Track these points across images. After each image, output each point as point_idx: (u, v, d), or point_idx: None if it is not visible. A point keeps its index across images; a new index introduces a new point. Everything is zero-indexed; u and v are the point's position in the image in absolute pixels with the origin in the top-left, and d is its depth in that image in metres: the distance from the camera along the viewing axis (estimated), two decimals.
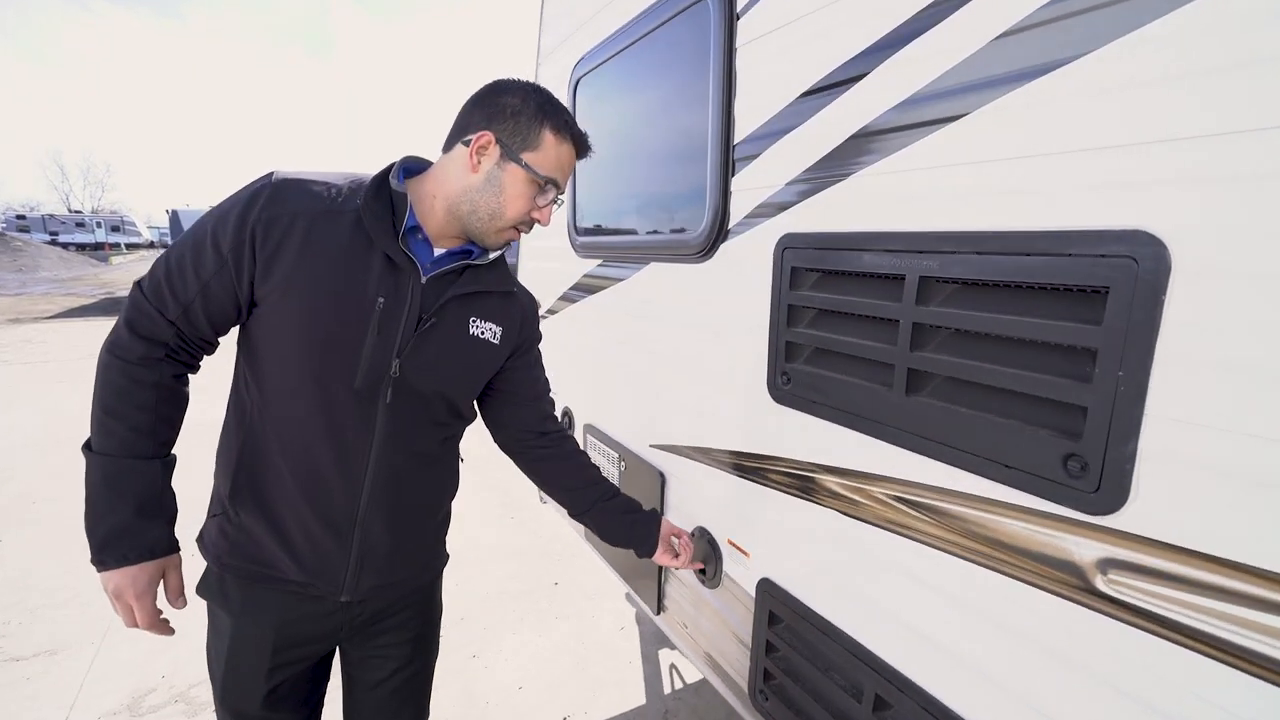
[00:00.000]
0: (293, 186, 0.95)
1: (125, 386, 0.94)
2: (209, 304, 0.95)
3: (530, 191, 1.01)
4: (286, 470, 0.99)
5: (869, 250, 0.93)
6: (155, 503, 0.97)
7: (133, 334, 0.94)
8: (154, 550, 0.97)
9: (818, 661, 1.11)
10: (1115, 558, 0.66)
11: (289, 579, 1.03)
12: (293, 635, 1.07)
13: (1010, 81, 0.73)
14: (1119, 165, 0.63)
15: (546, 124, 0.99)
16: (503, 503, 3.96)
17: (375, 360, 0.97)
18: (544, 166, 1.00)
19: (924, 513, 0.88)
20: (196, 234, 0.94)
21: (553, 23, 2.16)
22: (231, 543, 1.03)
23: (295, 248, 0.92)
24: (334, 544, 1.03)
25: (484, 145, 0.97)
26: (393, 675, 1.18)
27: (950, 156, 0.81)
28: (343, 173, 1.01)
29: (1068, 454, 0.69)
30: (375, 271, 0.96)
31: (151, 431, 0.96)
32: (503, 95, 0.99)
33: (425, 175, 1.04)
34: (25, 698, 2.15)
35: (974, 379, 0.79)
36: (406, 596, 1.17)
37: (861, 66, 0.93)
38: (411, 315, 0.99)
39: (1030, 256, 0.72)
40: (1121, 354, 0.63)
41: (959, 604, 0.84)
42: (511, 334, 1.14)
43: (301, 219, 0.93)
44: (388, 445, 1.02)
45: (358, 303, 0.95)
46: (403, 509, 1.08)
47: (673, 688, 2.37)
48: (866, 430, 0.96)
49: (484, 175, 0.98)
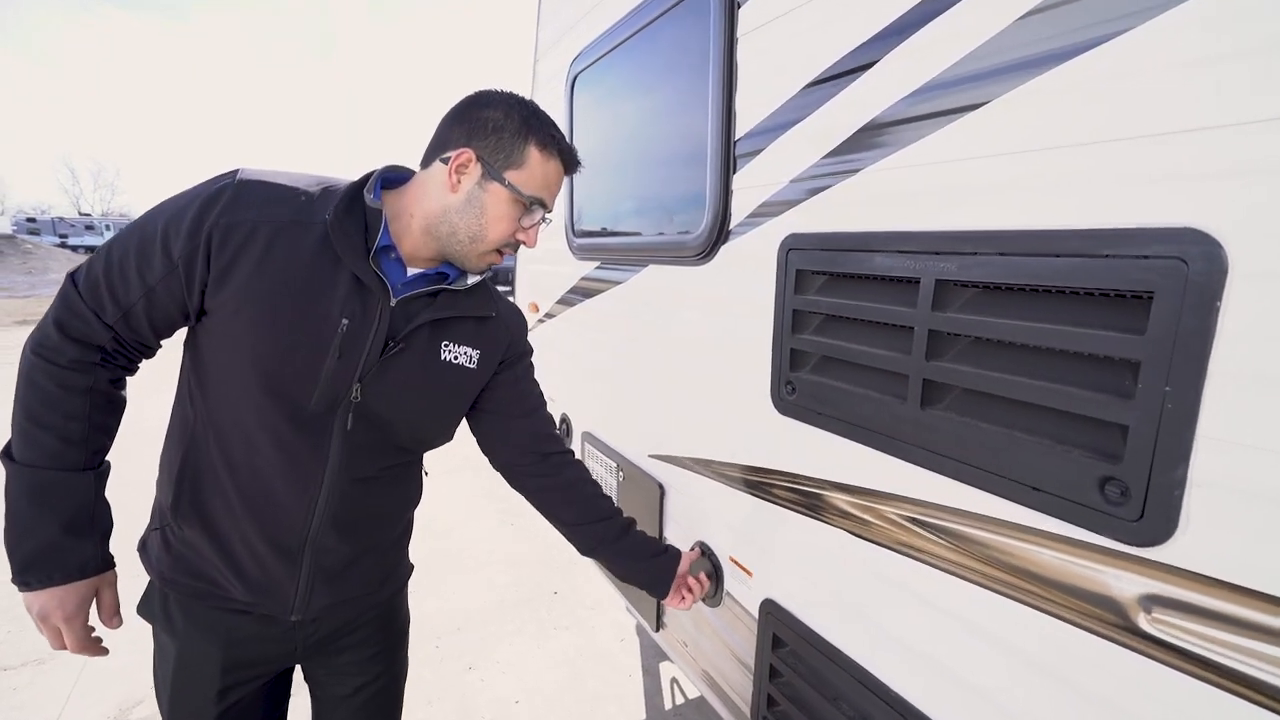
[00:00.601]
0: (258, 190, 0.87)
1: (54, 393, 0.85)
2: (153, 310, 0.87)
3: (514, 212, 0.94)
4: (232, 488, 0.91)
5: (880, 251, 0.86)
6: (86, 518, 0.89)
7: (63, 336, 0.85)
8: (84, 569, 0.89)
9: (824, 690, 1.03)
10: (1160, 594, 0.59)
11: (234, 598, 0.96)
12: (242, 656, 1.00)
13: (1039, 65, 0.66)
14: (1167, 155, 0.56)
15: (532, 139, 0.92)
16: (501, 510, 3.90)
17: (334, 384, 0.90)
18: (529, 185, 0.93)
19: (941, 536, 0.81)
20: (144, 230, 0.85)
21: (550, 18, 2.10)
22: (175, 557, 0.96)
23: (254, 259, 0.85)
24: (282, 565, 0.95)
25: (464, 163, 0.90)
26: (356, 692, 1.12)
27: (970, 149, 0.74)
28: (314, 176, 0.93)
29: (1105, 477, 0.62)
30: (341, 291, 0.89)
31: (84, 441, 0.88)
32: (484, 109, 0.92)
33: (403, 190, 0.96)
34: (12, 708, 2.10)
35: (997, 392, 0.72)
36: (366, 612, 1.10)
37: (872, 54, 0.86)
38: (378, 339, 0.92)
39: (1061, 258, 0.65)
40: (1169, 367, 0.56)
41: (979, 635, 0.77)
42: (493, 355, 1.06)
43: (264, 228, 0.85)
44: (345, 469, 0.95)
45: (319, 324, 0.88)
46: (358, 527, 1.01)
47: (673, 703, 2.30)
48: (878, 445, 0.89)
49: (464, 195, 0.92)
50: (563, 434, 2.13)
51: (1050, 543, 0.68)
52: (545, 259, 2.19)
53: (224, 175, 0.88)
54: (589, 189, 1.86)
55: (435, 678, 2.35)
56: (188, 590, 0.97)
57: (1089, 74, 0.62)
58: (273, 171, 0.91)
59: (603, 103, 1.76)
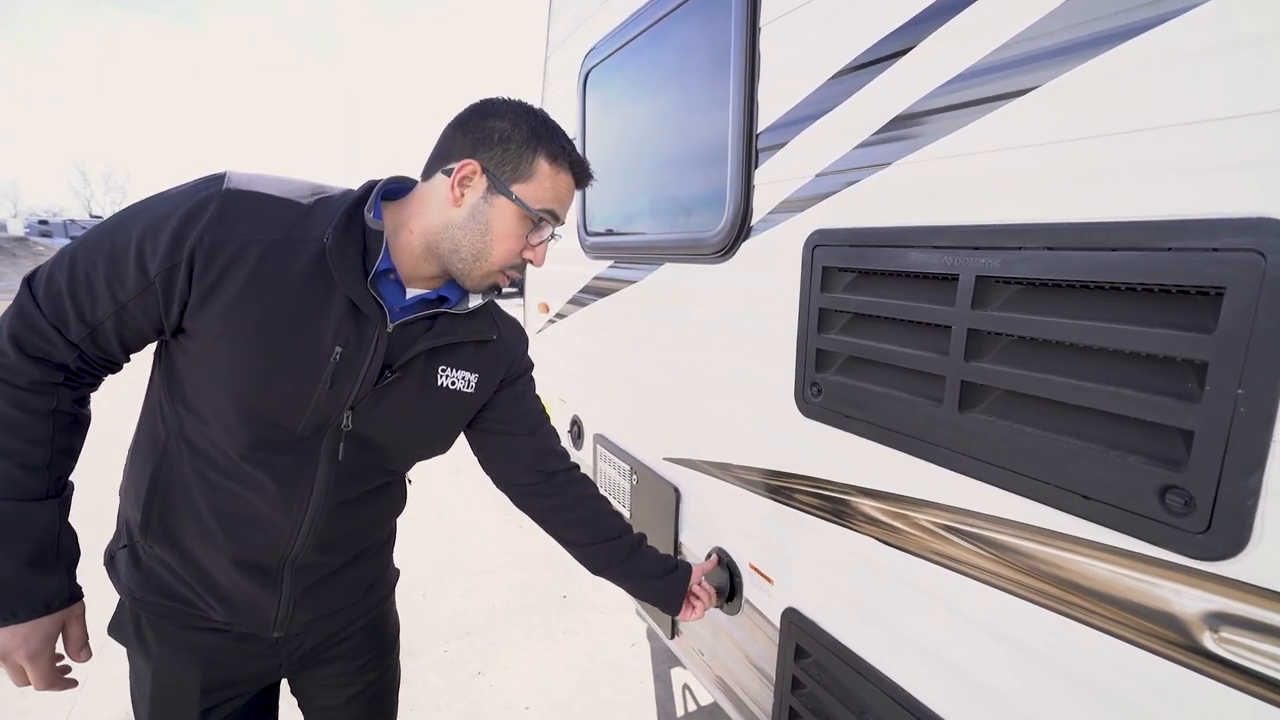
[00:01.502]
0: (247, 202, 0.79)
1: (13, 416, 0.78)
2: (123, 328, 0.80)
3: (521, 229, 0.88)
4: (208, 508, 0.86)
5: (914, 247, 0.82)
6: (51, 550, 0.82)
7: (21, 354, 0.77)
8: (50, 604, 0.82)
9: (851, 704, 1.00)
10: (1229, 612, 0.55)
11: (211, 618, 0.92)
12: (223, 676, 0.95)
13: (1093, 46, 0.62)
14: (1241, 139, 0.52)
15: (541, 151, 0.86)
16: (509, 512, 3.86)
17: (324, 411, 0.85)
18: (538, 199, 0.87)
19: (979, 545, 0.77)
20: (116, 239, 0.77)
21: (562, 13, 2.07)
22: (145, 574, 0.91)
23: (241, 281, 0.77)
24: (260, 584, 0.91)
25: (468, 176, 0.84)
26: (349, 702, 1.08)
27: (1015, 138, 0.70)
28: (308, 184, 0.86)
29: (1166, 486, 0.58)
30: (335, 316, 0.82)
31: (45, 467, 0.80)
32: (490, 118, 0.86)
33: (403, 204, 0.90)
34: (18, 713, 2.09)
35: (1043, 394, 0.68)
36: (354, 621, 1.06)
37: (906, 40, 0.82)
38: (373, 368, 0.86)
39: (1117, 252, 0.61)
40: (1243, 368, 0.52)
41: (1021, 650, 0.73)
42: (491, 378, 1.01)
43: (254, 248, 0.77)
44: (332, 493, 0.90)
45: (310, 352, 0.82)
46: (342, 543, 0.97)
47: (685, 710, 2.26)
48: (910, 450, 0.85)
49: (468, 210, 0.85)
50: (573, 435, 2.10)
51: (1103, 554, 0.64)
52: (556, 258, 2.15)
53: (209, 182, 0.80)
54: (603, 187, 1.83)
55: (444, 682, 2.33)
56: (160, 610, 0.92)
57: (1149, 55, 0.58)
58: (263, 178, 0.83)
59: (617, 99, 1.73)
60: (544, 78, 2.27)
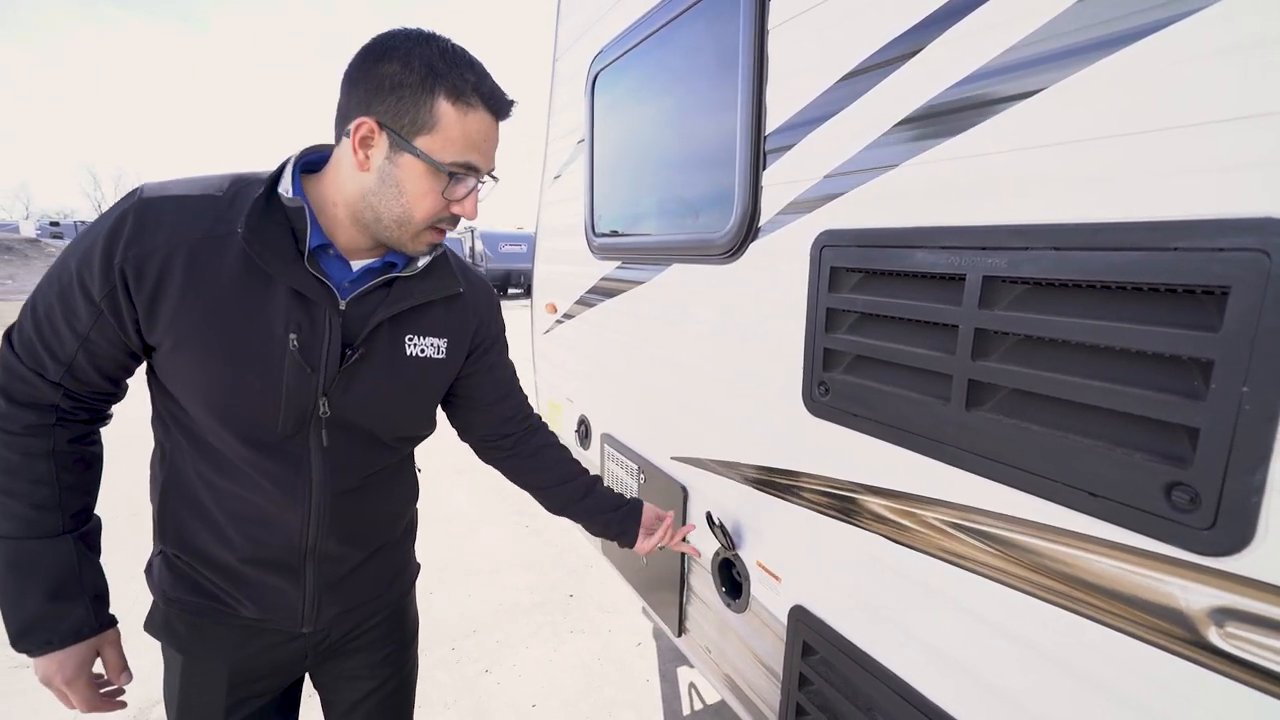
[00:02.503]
0: (162, 208, 0.77)
1: (14, 461, 0.80)
2: (95, 359, 0.81)
3: (437, 185, 0.80)
4: (219, 511, 0.88)
5: (922, 247, 0.83)
6: (73, 583, 0.85)
7: (10, 402, 0.80)
8: (78, 633, 0.85)
9: (858, 701, 1.00)
10: (1234, 607, 0.56)
11: (242, 615, 0.94)
12: (250, 669, 0.97)
13: (1100, 49, 0.63)
14: (1247, 140, 0.53)
15: (440, 91, 0.76)
16: (516, 510, 3.89)
17: (298, 403, 0.84)
18: (448, 151, 0.78)
19: (987, 542, 0.78)
20: (61, 277, 0.78)
21: (570, 16, 2.09)
22: (177, 576, 0.93)
23: (176, 289, 0.76)
24: (285, 580, 0.93)
25: (367, 136, 0.77)
26: (367, 697, 1.10)
27: (1022, 139, 0.71)
28: (226, 176, 0.83)
29: (1172, 482, 0.59)
30: (281, 304, 0.80)
31: (57, 505, 0.83)
32: (380, 62, 0.76)
33: (323, 175, 0.85)
34: (29, 709, 2.11)
35: (1050, 393, 0.69)
36: (377, 613, 1.08)
37: (914, 42, 0.83)
38: (334, 349, 0.84)
39: (1123, 252, 0.62)
40: (1248, 366, 0.53)
41: (1029, 647, 0.74)
42: (462, 341, 1.00)
43: (179, 253, 0.76)
44: (330, 482, 0.90)
45: (264, 345, 0.80)
46: (359, 534, 0.98)
47: (692, 709, 2.27)
48: (917, 448, 0.86)
49: (376, 173, 0.79)
50: (580, 435, 2.11)
51: (1109, 551, 0.65)
52: (563, 259, 2.17)
53: (124, 199, 0.79)
54: (611, 188, 1.84)
55: (451, 681, 2.34)
56: (192, 608, 0.94)
57: (1156, 57, 0.59)
58: (177, 181, 0.81)
59: (625, 100, 1.74)
60: (552, 80, 2.28)
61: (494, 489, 4.19)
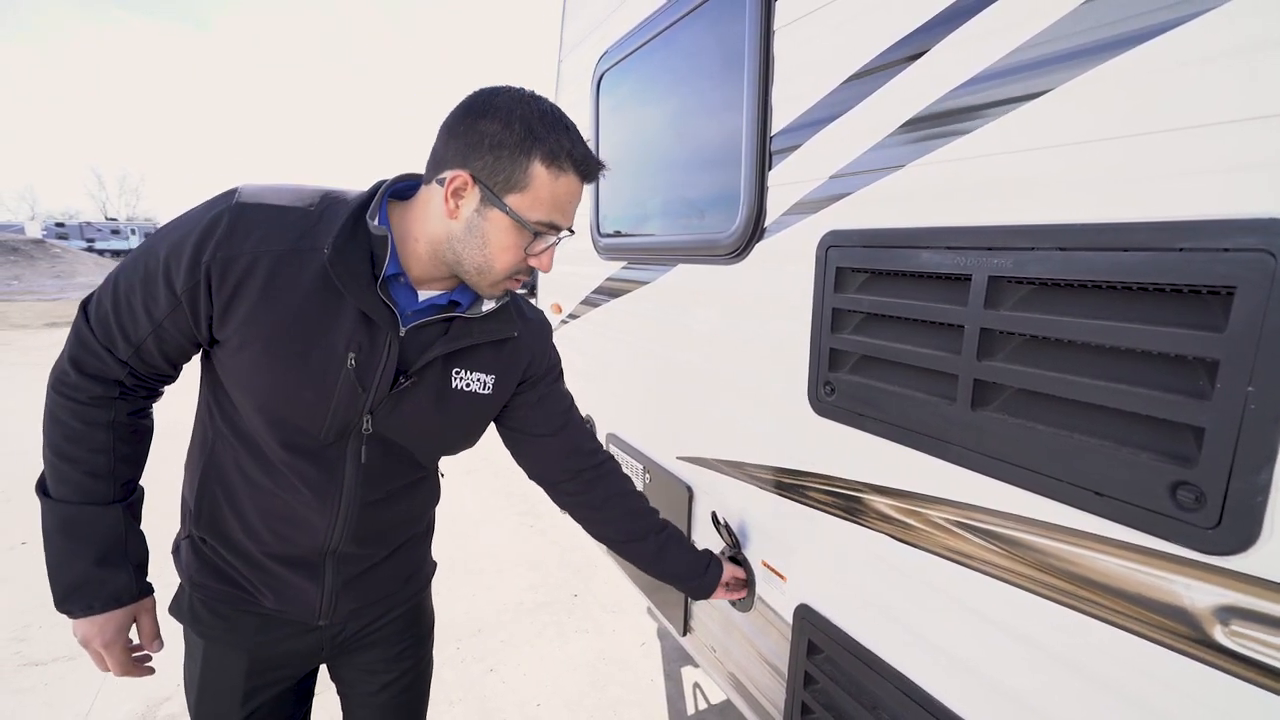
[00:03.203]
0: (256, 215, 0.81)
1: (77, 429, 0.85)
2: (163, 344, 0.85)
3: (521, 240, 0.84)
4: (251, 505, 0.92)
5: (928, 248, 0.83)
6: (119, 550, 0.90)
7: (80, 373, 0.84)
8: (120, 599, 0.90)
9: (863, 699, 1.01)
10: (1239, 606, 0.56)
11: (262, 605, 0.97)
12: (269, 657, 1.01)
13: (1106, 50, 0.64)
14: (1252, 141, 0.53)
15: (536, 154, 0.80)
16: (521, 511, 3.90)
17: (343, 417, 0.88)
18: (536, 210, 0.82)
19: (992, 541, 0.78)
20: (148, 262, 0.81)
21: (575, 16, 2.10)
22: (204, 562, 0.97)
23: (255, 294, 0.80)
24: (305, 576, 0.96)
25: (460, 188, 0.80)
26: (383, 690, 1.12)
27: (1028, 140, 0.71)
28: (317, 190, 0.86)
29: (1177, 482, 0.59)
30: (346, 323, 0.83)
31: (110, 474, 0.88)
32: (480, 120, 0.80)
33: (409, 206, 0.88)
34: (42, 704, 2.13)
35: (1055, 393, 0.69)
36: (393, 609, 1.11)
37: (920, 43, 0.84)
38: (387, 373, 0.87)
39: (1128, 252, 0.62)
40: (1253, 366, 0.53)
41: (1034, 646, 0.74)
42: (510, 378, 1.02)
43: (264, 260, 0.80)
44: (362, 490, 0.94)
45: (325, 360, 0.84)
46: (379, 536, 1.01)
47: (696, 709, 2.27)
48: (923, 447, 0.86)
49: (464, 223, 0.82)
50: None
51: (1114, 550, 0.66)
52: (569, 259, 2.18)
53: (221, 198, 0.83)
54: (616, 189, 1.85)
55: (457, 679, 2.35)
56: (216, 594, 0.98)
57: (1162, 58, 0.59)
58: (273, 189, 0.84)
59: (630, 101, 1.75)
60: (557, 80, 2.29)
61: (500, 489, 4.21)
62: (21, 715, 2.08)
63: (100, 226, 55.24)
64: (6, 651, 2.39)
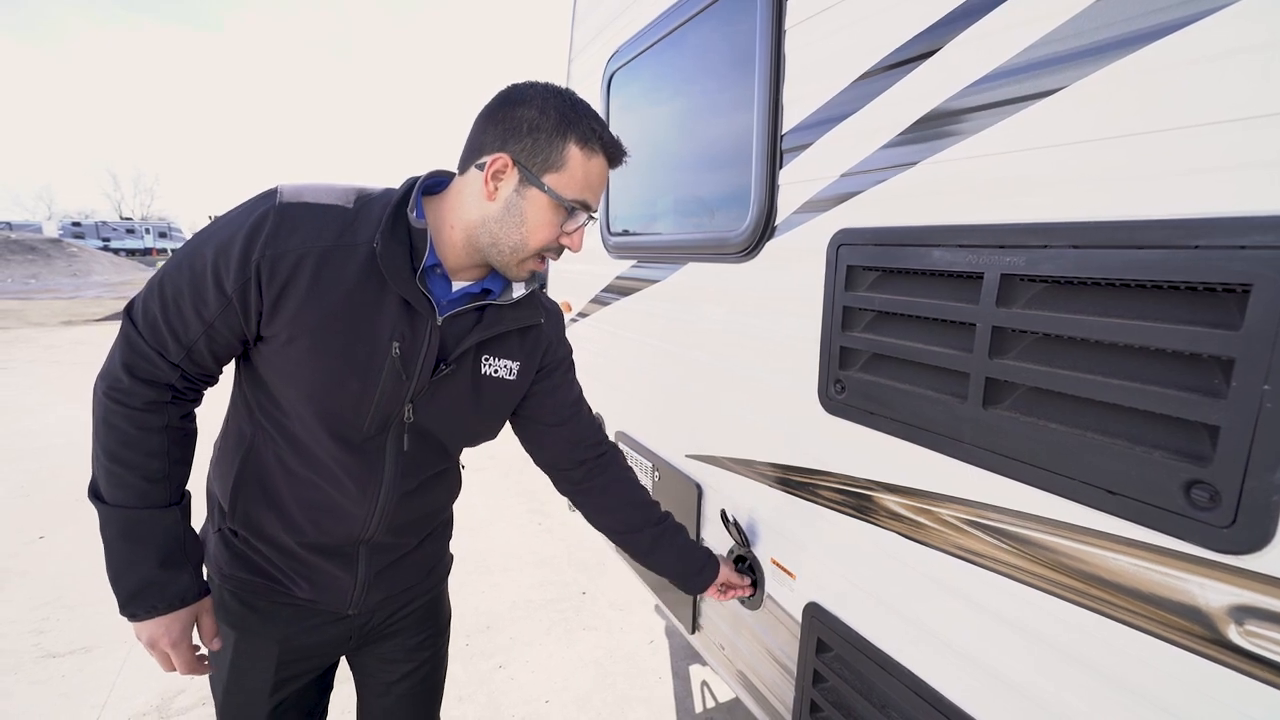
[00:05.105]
0: (299, 214, 0.84)
1: (132, 435, 0.86)
2: (214, 344, 0.87)
3: (557, 218, 0.89)
4: (291, 497, 0.94)
5: (939, 246, 0.83)
6: (180, 552, 0.91)
7: (134, 378, 0.86)
8: (184, 599, 0.92)
9: (873, 698, 1.01)
10: (1255, 605, 0.56)
11: (295, 595, 1.00)
12: (299, 647, 1.03)
13: (1120, 47, 0.63)
14: (1268, 137, 0.53)
15: (571, 137, 0.86)
16: (531, 509, 3.91)
17: (388, 406, 0.91)
18: (571, 188, 0.88)
19: (1004, 540, 0.78)
20: (194, 265, 0.83)
21: (586, 16, 2.10)
22: (234, 554, 0.99)
23: (303, 289, 0.83)
24: (340, 567, 1.00)
25: (500, 170, 0.86)
26: (402, 679, 1.16)
27: (1041, 138, 0.71)
28: (351, 187, 0.90)
29: (1192, 480, 0.59)
30: (390, 314, 0.87)
31: (166, 477, 0.89)
32: (518, 107, 0.86)
33: (442, 198, 0.93)
34: (59, 695, 2.17)
35: (1068, 391, 0.69)
36: (415, 600, 1.15)
37: (932, 41, 0.84)
38: (428, 361, 0.91)
39: (1143, 250, 0.62)
40: (1269, 364, 0.53)
41: (1046, 646, 0.74)
42: (531, 365, 1.06)
43: (310, 257, 0.83)
44: (400, 479, 0.97)
45: (370, 349, 0.87)
46: (410, 527, 1.05)
47: (704, 707, 2.28)
48: (934, 445, 0.86)
49: (502, 203, 0.87)
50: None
51: (1127, 549, 0.65)
52: (579, 258, 2.18)
53: (264, 198, 0.85)
54: (626, 187, 1.85)
55: (466, 675, 2.37)
56: (248, 586, 1.00)
57: (1177, 55, 0.59)
58: (310, 188, 0.87)
59: (641, 100, 1.76)
60: (567, 80, 2.30)
61: (509, 488, 4.23)
62: (39, 706, 2.11)
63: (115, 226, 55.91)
64: (25, 643, 2.43)
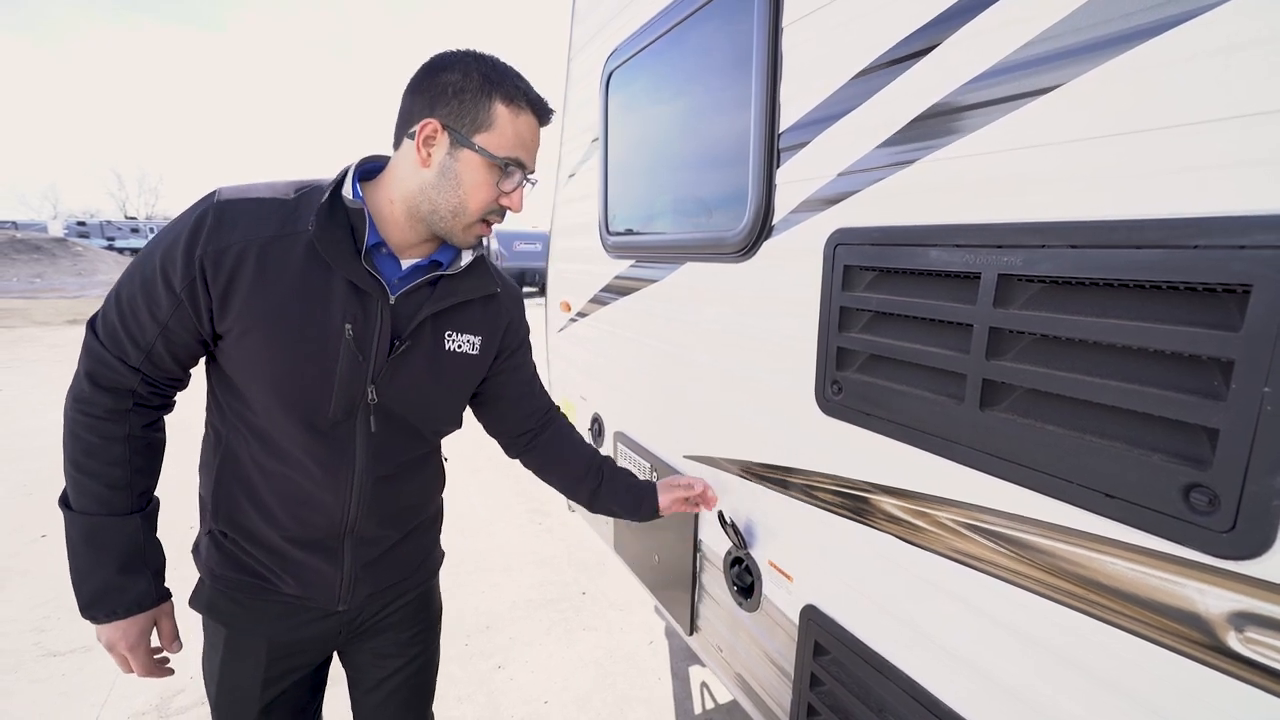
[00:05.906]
0: (237, 209, 0.86)
1: (94, 443, 0.89)
2: (171, 345, 0.89)
3: (492, 177, 0.91)
4: (268, 493, 0.95)
5: (936, 246, 0.82)
6: (139, 558, 0.94)
7: (95, 386, 0.88)
8: (141, 604, 0.94)
9: (870, 701, 1.00)
10: (1254, 612, 0.55)
11: (284, 593, 1.01)
12: (288, 644, 1.04)
13: (1118, 44, 0.62)
14: (1269, 135, 0.52)
15: (496, 96, 0.88)
16: (530, 509, 3.91)
17: (350, 389, 0.92)
18: (502, 146, 0.89)
19: (1000, 543, 0.77)
20: (145, 271, 0.86)
21: (586, 15, 2.10)
22: (224, 555, 1.00)
23: (248, 281, 0.85)
24: (325, 560, 1.00)
25: (430, 135, 0.87)
26: (393, 675, 1.16)
27: (1039, 136, 0.70)
28: (291, 181, 0.92)
29: (1190, 484, 0.58)
30: (338, 297, 0.89)
31: (128, 486, 0.91)
32: (441, 73, 0.88)
33: (380, 179, 0.94)
34: (59, 694, 2.17)
35: (1066, 393, 0.68)
36: (405, 595, 1.15)
37: (929, 39, 0.83)
38: (383, 340, 0.93)
39: (1141, 250, 0.61)
40: (1269, 366, 0.52)
41: (1043, 650, 0.73)
42: (493, 340, 1.08)
43: (252, 248, 0.85)
44: (372, 464, 0.98)
45: (322, 334, 0.88)
46: (392, 518, 1.06)
47: (704, 708, 2.27)
48: (931, 448, 0.85)
49: (437, 168, 0.89)
50: (594, 433, 2.12)
51: (1125, 553, 0.64)
52: (577, 258, 2.18)
53: (202, 200, 0.88)
54: (625, 187, 1.85)
55: (465, 675, 2.36)
56: (236, 584, 1.01)
57: (1175, 51, 0.58)
58: (250, 185, 0.90)
59: (639, 99, 1.75)
60: (566, 78, 2.29)
61: (508, 488, 4.22)
62: (40, 705, 2.12)
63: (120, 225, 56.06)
64: (26, 642, 2.44)
